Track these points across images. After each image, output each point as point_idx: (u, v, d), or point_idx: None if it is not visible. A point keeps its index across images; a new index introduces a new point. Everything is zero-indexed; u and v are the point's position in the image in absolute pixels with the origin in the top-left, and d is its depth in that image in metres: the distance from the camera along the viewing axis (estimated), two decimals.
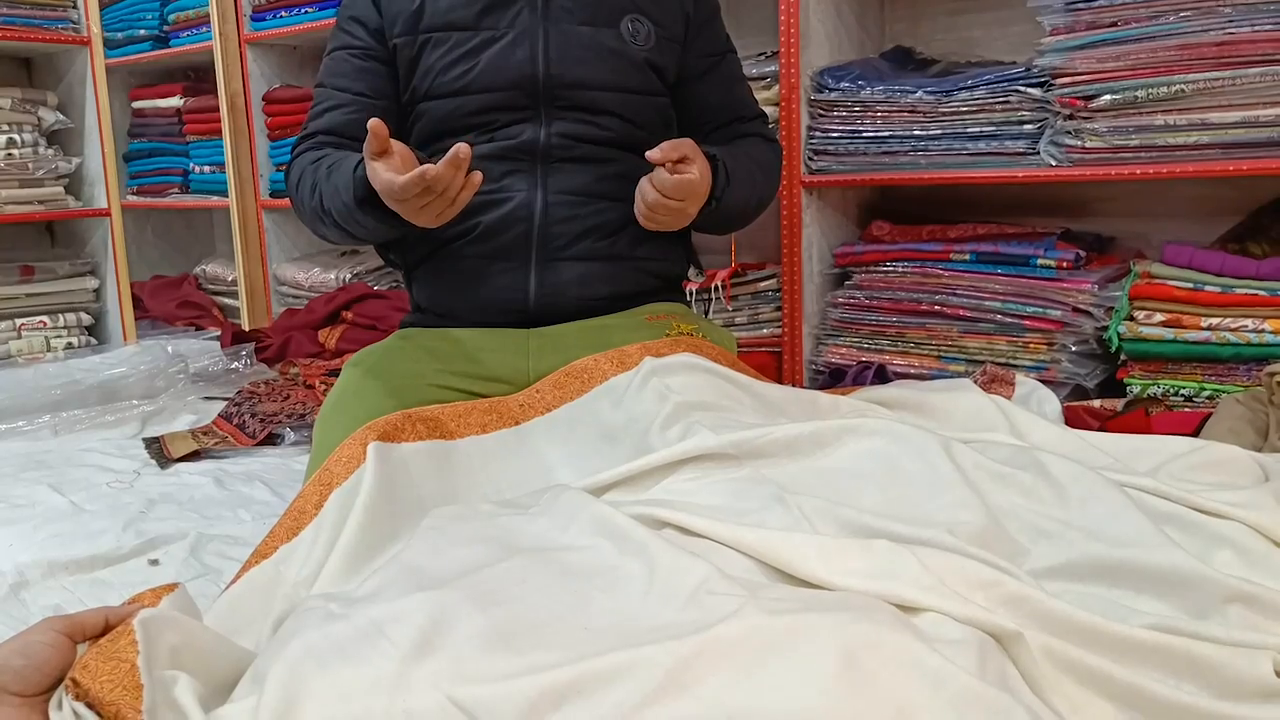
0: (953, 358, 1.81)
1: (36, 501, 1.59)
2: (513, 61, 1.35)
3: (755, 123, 1.53)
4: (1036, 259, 1.73)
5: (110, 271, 2.62)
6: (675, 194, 1.27)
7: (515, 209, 1.35)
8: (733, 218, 1.44)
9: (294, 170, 1.38)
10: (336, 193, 1.26)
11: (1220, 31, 1.49)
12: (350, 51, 1.41)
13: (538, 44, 1.35)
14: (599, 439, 1.22)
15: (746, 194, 1.41)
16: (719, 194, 1.33)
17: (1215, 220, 1.76)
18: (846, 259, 1.93)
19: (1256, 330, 1.52)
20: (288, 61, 2.98)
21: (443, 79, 1.36)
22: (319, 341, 2.53)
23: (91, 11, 2.52)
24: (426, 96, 1.38)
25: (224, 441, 1.87)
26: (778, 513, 0.98)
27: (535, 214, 1.35)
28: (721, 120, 1.51)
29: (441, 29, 1.37)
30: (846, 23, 1.98)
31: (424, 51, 1.37)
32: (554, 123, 1.36)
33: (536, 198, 1.36)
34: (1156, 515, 1.01)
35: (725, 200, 1.35)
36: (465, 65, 1.35)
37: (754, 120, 1.53)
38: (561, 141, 1.36)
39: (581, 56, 1.36)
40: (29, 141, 2.48)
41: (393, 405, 1.21)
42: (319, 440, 1.24)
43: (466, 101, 1.36)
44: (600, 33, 1.37)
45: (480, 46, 1.35)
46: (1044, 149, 1.66)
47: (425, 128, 1.40)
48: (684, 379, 1.24)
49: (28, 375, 2.29)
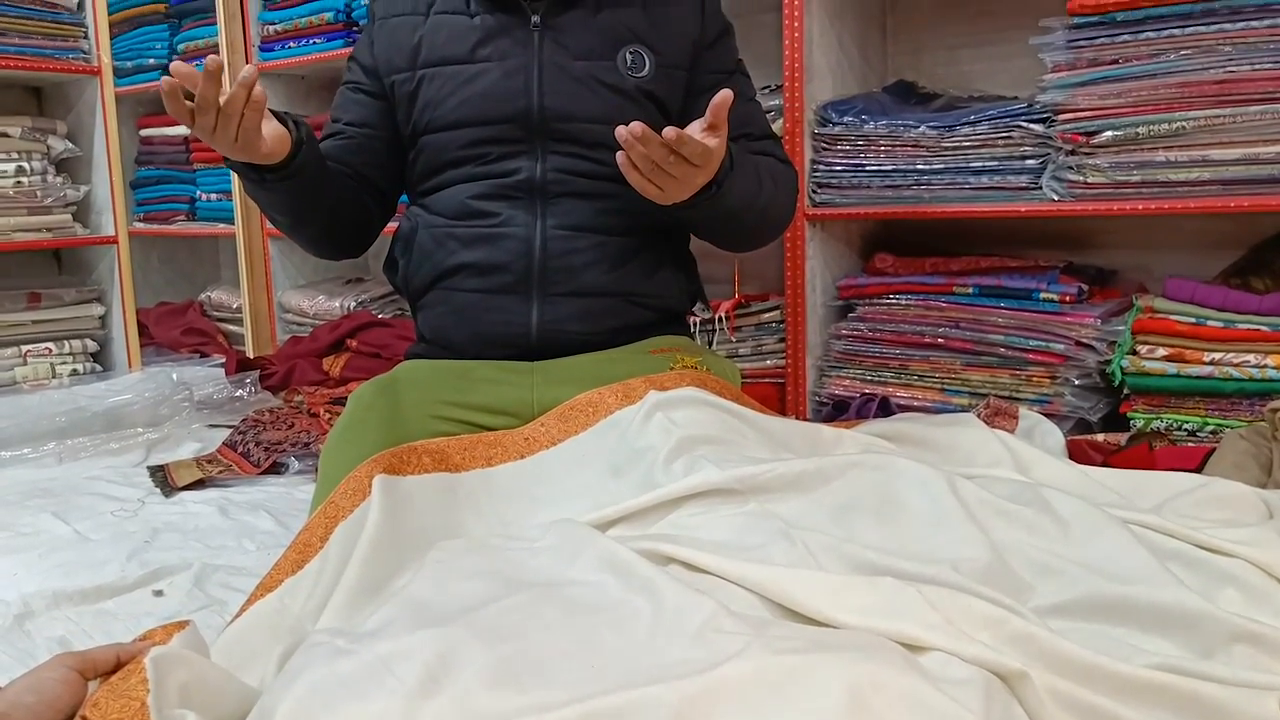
0: (956, 390, 1.81)
1: (41, 530, 1.59)
2: (506, 94, 1.36)
3: (767, 142, 1.49)
4: (1039, 292, 1.73)
5: (116, 298, 2.63)
6: (698, 157, 1.17)
7: (515, 244, 1.36)
8: (731, 215, 1.34)
9: None
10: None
11: (1220, 70, 1.50)
12: (348, 86, 1.48)
13: (532, 77, 1.37)
14: (604, 473, 1.22)
15: (750, 191, 1.33)
16: (720, 178, 1.24)
17: (1217, 253, 1.77)
18: (850, 291, 1.94)
19: (1259, 365, 1.52)
20: (295, 91, 3.00)
21: (438, 112, 1.39)
22: (323, 369, 2.54)
23: (102, 42, 2.54)
24: (425, 130, 1.41)
25: (228, 470, 1.88)
26: (783, 548, 0.98)
27: (535, 249, 1.36)
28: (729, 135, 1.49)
29: (438, 63, 1.39)
30: (850, 56, 2.00)
31: (421, 86, 1.40)
32: (550, 157, 1.37)
33: (536, 233, 1.36)
34: (1161, 552, 1.02)
35: (725, 188, 1.26)
36: (460, 97, 1.37)
37: (765, 140, 1.49)
38: (559, 176, 1.37)
39: (575, 90, 1.36)
40: (38, 169, 2.49)
41: (398, 437, 1.21)
42: (324, 471, 1.24)
43: (461, 134, 1.38)
44: (596, 65, 1.38)
45: (474, 78, 1.37)
46: (1046, 184, 1.67)
47: (425, 161, 1.42)
48: (688, 413, 1.24)
49: (33, 402, 2.30)
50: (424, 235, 1.42)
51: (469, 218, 1.39)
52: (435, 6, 1.42)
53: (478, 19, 1.40)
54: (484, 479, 1.21)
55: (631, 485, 1.17)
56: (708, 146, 1.17)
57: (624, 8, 1.41)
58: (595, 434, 1.26)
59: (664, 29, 1.42)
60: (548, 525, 1.09)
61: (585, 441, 1.26)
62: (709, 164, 1.20)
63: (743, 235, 1.45)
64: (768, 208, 1.40)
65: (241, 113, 1.15)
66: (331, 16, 2.66)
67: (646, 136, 1.14)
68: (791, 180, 1.48)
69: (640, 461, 1.20)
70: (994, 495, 1.08)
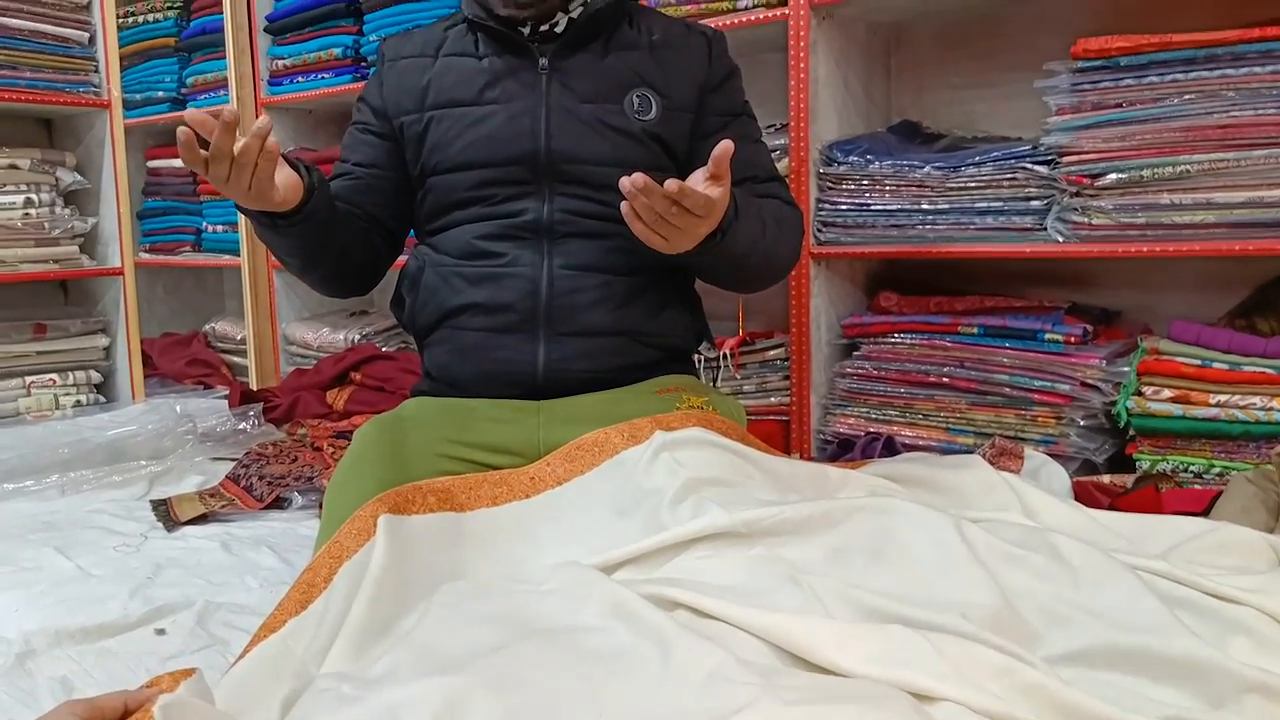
0: (961, 430, 1.81)
1: (43, 565, 1.59)
2: (513, 136, 1.37)
3: (772, 184, 1.49)
4: (1044, 333, 1.74)
5: (121, 330, 2.64)
6: (701, 208, 1.17)
7: (522, 283, 1.37)
8: (736, 262, 1.34)
9: None
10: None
11: (1224, 114, 1.51)
12: (357, 127, 1.50)
13: (539, 119, 1.38)
14: (610, 513, 1.22)
15: (754, 237, 1.32)
16: (725, 226, 1.24)
17: (1221, 294, 1.77)
18: (854, 330, 1.95)
19: (1265, 408, 1.52)
20: (303, 124, 3.02)
21: (446, 153, 1.40)
22: (327, 402, 2.54)
23: (113, 76, 2.57)
24: (433, 171, 1.42)
25: (231, 504, 1.87)
26: (791, 593, 0.98)
27: (542, 288, 1.37)
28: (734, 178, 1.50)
29: (446, 105, 1.41)
30: (855, 97, 2.01)
31: (430, 128, 1.41)
32: (557, 198, 1.38)
33: (543, 273, 1.37)
34: (1170, 600, 1.01)
35: (730, 236, 1.26)
36: (467, 139, 1.39)
37: (770, 182, 1.49)
38: (565, 217, 1.38)
39: (582, 133, 1.37)
40: (46, 201, 2.51)
41: (404, 476, 1.21)
42: (329, 510, 1.24)
43: (468, 176, 1.39)
44: (602, 108, 1.39)
45: (482, 120, 1.39)
46: (1051, 225, 1.68)
47: (433, 201, 1.43)
48: (694, 453, 1.24)
49: (36, 433, 2.30)
50: (431, 274, 1.42)
51: (476, 257, 1.40)
52: (444, 49, 1.44)
53: (486, 61, 1.41)
54: (489, 518, 1.21)
55: (638, 527, 1.17)
56: (710, 198, 1.17)
57: (631, 51, 1.42)
58: (601, 474, 1.26)
59: (671, 73, 1.43)
60: (554, 568, 1.09)
61: (591, 482, 1.26)
62: (712, 214, 1.20)
63: (747, 279, 1.45)
64: (772, 252, 1.40)
65: (255, 162, 1.15)
66: (340, 52, 2.69)
67: (649, 188, 1.14)
68: (797, 223, 1.48)
69: (646, 502, 1.20)
70: (1002, 540, 1.08)
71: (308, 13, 2.75)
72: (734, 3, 1.96)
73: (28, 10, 2.44)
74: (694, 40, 1.47)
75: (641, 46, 1.43)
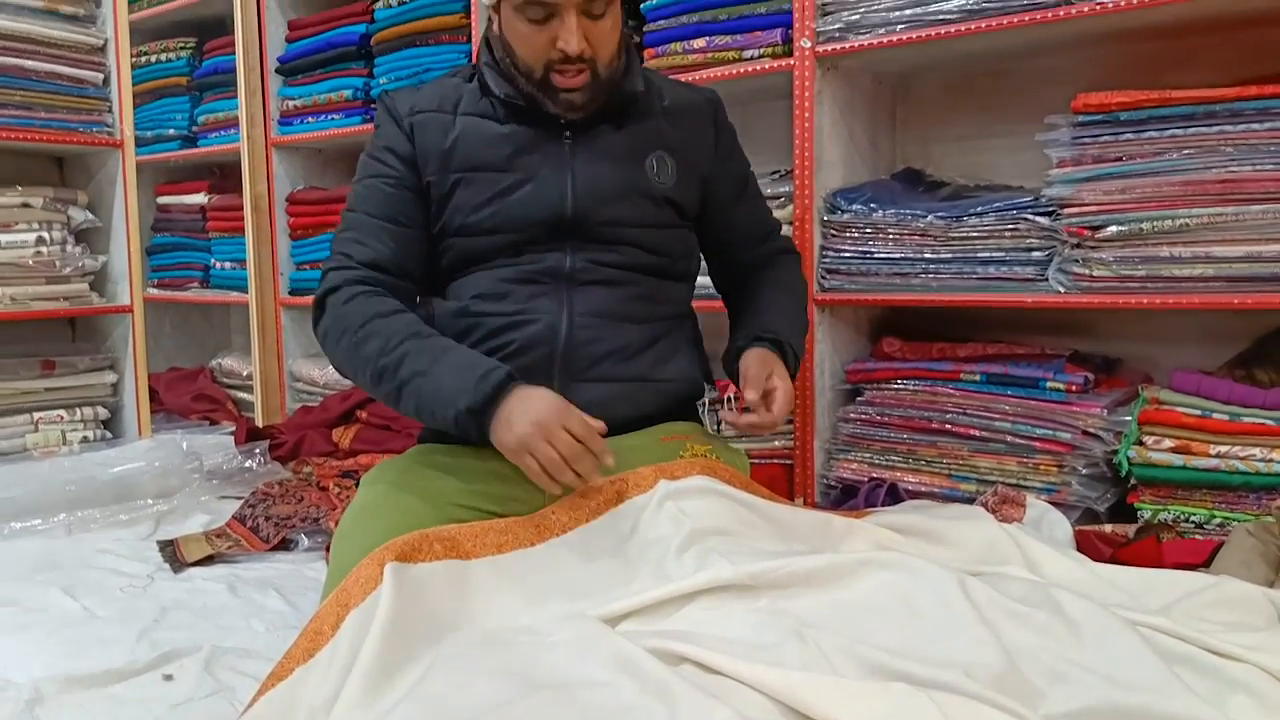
0: (964, 476, 1.82)
1: (49, 606, 1.60)
2: (542, 202, 1.40)
3: (776, 238, 1.65)
4: (1046, 382, 1.75)
5: (129, 366, 2.65)
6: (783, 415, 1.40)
7: (541, 330, 1.39)
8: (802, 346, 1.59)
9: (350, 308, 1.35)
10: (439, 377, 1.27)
11: (1222, 169, 1.53)
12: (385, 180, 1.44)
13: (566, 185, 1.41)
14: (615, 562, 1.23)
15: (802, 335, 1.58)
16: (793, 369, 1.48)
17: (1221, 344, 1.79)
18: (858, 375, 1.96)
19: (1265, 460, 1.53)
20: (312, 163, 3.06)
21: (473, 217, 1.41)
22: (333, 440, 2.56)
23: (126, 116, 2.60)
24: (456, 233, 1.43)
25: (237, 545, 1.88)
26: (796, 648, 0.98)
27: (560, 335, 1.39)
28: (753, 240, 1.62)
29: (473, 169, 1.42)
30: (860, 145, 2.04)
31: (456, 190, 1.42)
32: (579, 251, 1.41)
33: (562, 319, 1.39)
34: (1171, 657, 1.02)
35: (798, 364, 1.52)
36: (495, 206, 1.41)
37: (775, 236, 1.66)
38: (587, 265, 1.41)
39: (608, 196, 1.42)
40: (57, 239, 2.53)
41: (411, 524, 1.22)
42: (336, 558, 1.25)
43: (495, 239, 1.41)
44: (626, 172, 1.43)
45: (511, 188, 1.41)
46: (1053, 276, 1.70)
47: (455, 258, 1.44)
48: (699, 503, 1.26)
49: (43, 470, 2.31)
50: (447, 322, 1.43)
51: (495, 300, 1.41)
52: (461, 107, 1.45)
53: (509, 128, 1.43)
54: (495, 566, 1.22)
55: (643, 576, 1.18)
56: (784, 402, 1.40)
57: (647, 118, 1.48)
58: (606, 523, 1.27)
59: (683, 139, 1.49)
60: (560, 619, 1.10)
61: (596, 530, 1.27)
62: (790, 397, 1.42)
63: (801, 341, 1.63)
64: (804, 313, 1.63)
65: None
66: (350, 94, 2.73)
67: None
68: (800, 265, 1.68)
69: (651, 552, 1.21)
70: (1005, 597, 1.09)
71: (318, 55, 2.80)
72: (740, 53, 1.99)
73: (44, 53, 2.47)
74: (698, 104, 1.54)
75: (655, 113, 1.49)
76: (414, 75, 2.55)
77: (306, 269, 2.95)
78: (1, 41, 2.42)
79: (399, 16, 2.58)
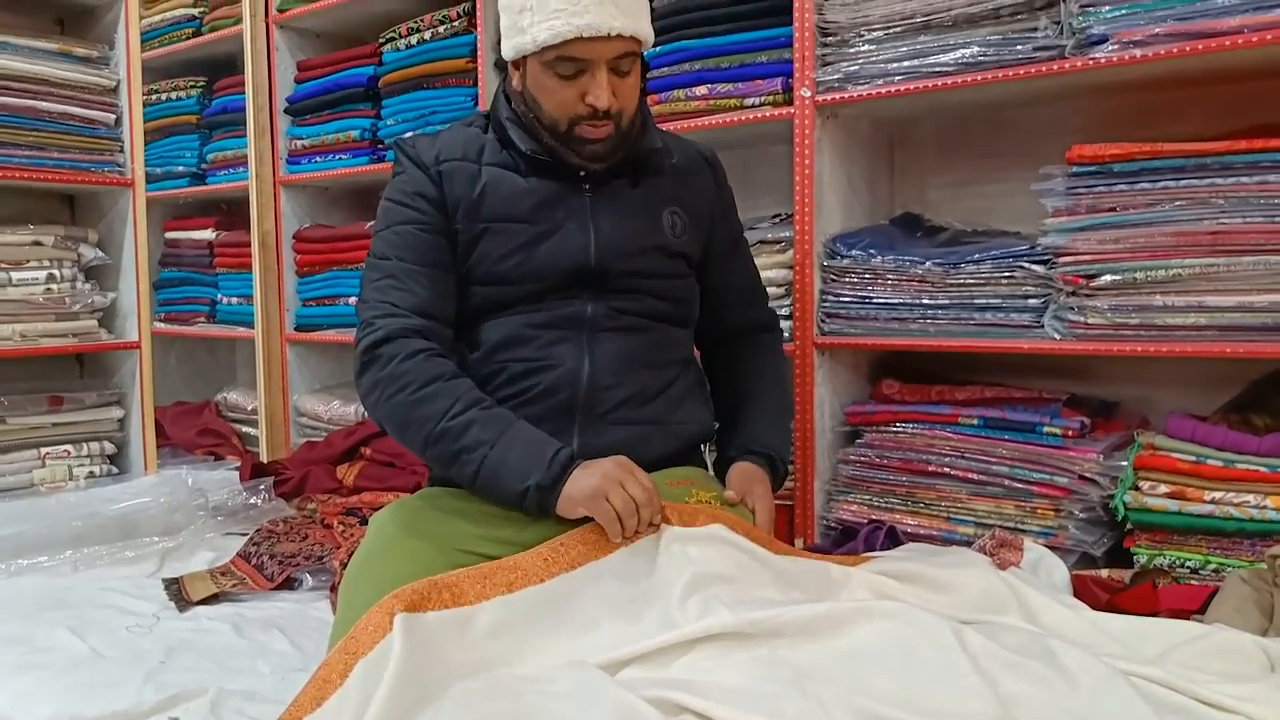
0: (962, 520, 1.84)
1: (56, 646, 1.61)
2: (565, 253, 1.45)
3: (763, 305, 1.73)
4: (1043, 426, 1.77)
5: (136, 401, 2.68)
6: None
7: (563, 375, 1.43)
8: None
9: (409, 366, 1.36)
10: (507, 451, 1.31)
11: (1213, 221, 1.56)
12: (419, 226, 1.45)
13: (589, 238, 1.45)
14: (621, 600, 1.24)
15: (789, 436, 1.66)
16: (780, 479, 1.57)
17: (1216, 387, 1.81)
18: (857, 418, 1.99)
19: (1259, 506, 1.55)
20: (319, 201, 3.10)
21: (498, 267, 1.45)
22: (337, 477, 2.57)
23: (137, 155, 2.64)
24: (481, 281, 1.46)
25: (242, 584, 1.90)
26: (795, 698, 1.01)
27: (582, 380, 1.43)
28: (739, 300, 1.66)
29: (500, 220, 1.45)
30: (858, 191, 2.08)
31: (481, 239, 1.46)
32: (599, 299, 1.46)
33: (584, 364, 1.43)
34: (1164, 707, 1.04)
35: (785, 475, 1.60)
36: (520, 256, 1.44)
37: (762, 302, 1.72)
38: (607, 313, 1.46)
39: (628, 249, 1.47)
40: (68, 277, 2.57)
41: (420, 569, 1.24)
42: (344, 603, 1.27)
43: (521, 289, 1.45)
44: (645, 227, 1.49)
45: (536, 240, 1.45)
46: (1048, 323, 1.73)
47: (479, 305, 1.47)
48: (703, 549, 1.28)
49: (49, 505, 2.33)
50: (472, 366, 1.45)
51: (517, 347, 1.45)
52: (485, 157, 1.48)
53: (532, 181, 1.47)
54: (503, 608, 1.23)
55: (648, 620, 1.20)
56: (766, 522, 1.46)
57: (658, 176, 1.54)
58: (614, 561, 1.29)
59: (690, 195, 1.56)
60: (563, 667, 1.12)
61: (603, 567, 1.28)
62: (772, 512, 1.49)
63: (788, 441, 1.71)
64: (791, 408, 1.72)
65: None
66: (358, 135, 2.77)
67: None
68: (780, 344, 1.74)
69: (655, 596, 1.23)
70: (1001, 647, 1.11)
71: (327, 96, 2.84)
72: (741, 100, 2.03)
73: (58, 94, 2.52)
74: (701, 163, 1.61)
75: (665, 172, 1.54)
76: (420, 117, 2.59)
77: (313, 305, 2.98)
78: (17, 83, 2.46)
79: (407, 60, 2.63)
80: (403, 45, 2.64)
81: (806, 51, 1.92)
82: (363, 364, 1.40)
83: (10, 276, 2.49)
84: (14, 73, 2.46)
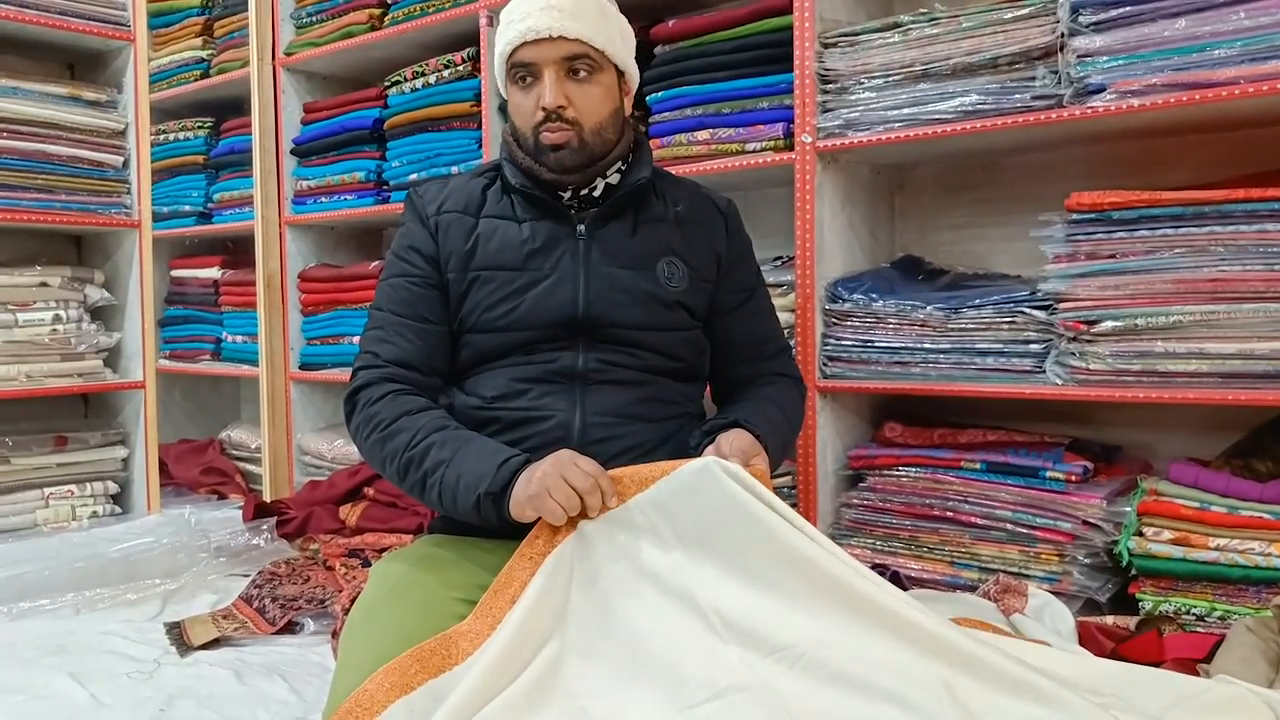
0: (965, 564, 1.84)
1: (57, 694, 1.61)
2: (555, 302, 1.44)
3: (780, 359, 1.64)
4: (1046, 471, 1.77)
5: (140, 441, 2.69)
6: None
7: (554, 428, 1.42)
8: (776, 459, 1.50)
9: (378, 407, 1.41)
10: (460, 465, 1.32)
11: (1213, 269, 1.57)
12: (410, 280, 1.49)
13: (579, 287, 1.45)
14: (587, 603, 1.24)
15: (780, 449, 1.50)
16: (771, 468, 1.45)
17: (1218, 432, 1.81)
18: (860, 462, 1.98)
19: (1264, 554, 1.54)
20: (324, 240, 3.12)
21: (488, 315, 1.45)
22: (340, 518, 2.57)
23: (144, 197, 2.66)
24: (473, 330, 1.47)
25: (244, 628, 1.89)
26: None
27: (574, 433, 1.42)
28: (747, 354, 1.61)
29: (490, 268, 1.47)
30: (859, 235, 2.09)
31: (473, 288, 1.47)
32: (592, 351, 1.45)
33: (575, 418, 1.43)
34: None
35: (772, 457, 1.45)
36: (511, 304, 1.45)
37: (779, 356, 1.63)
38: (599, 366, 1.45)
39: (619, 300, 1.46)
40: (74, 318, 2.58)
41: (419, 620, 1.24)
42: (345, 655, 1.26)
43: (510, 337, 1.45)
44: (638, 276, 1.47)
45: (525, 287, 1.45)
46: (1050, 368, 1.73)
47: (472, 354, 1.48)
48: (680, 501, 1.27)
49: (52, 546, 2.33)
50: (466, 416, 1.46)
51: (510, 398, 1.45)
52: (484, 210, 1.50)
53: (526, 225, 1.48)
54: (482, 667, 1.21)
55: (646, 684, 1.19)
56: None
57: (660, 223, 1.52)
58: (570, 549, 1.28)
59: (694, 245, 1.53)
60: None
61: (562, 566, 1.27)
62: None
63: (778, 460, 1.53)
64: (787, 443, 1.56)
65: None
66: (363, 176, 2.79)
67: None
68: (801, 400, 1.65)
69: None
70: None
71: (333, 138, 2.87)
72: (743, 145, 2.05)
73: (67, 137, 2.55)
74: (712, 212, 1.58)
75: (669, 219, 1.53)
76: (425, 159, 2.62)
77: (317, 344, 3.00)
78: (27, 128, 2.49)
79: (412, 103, 2.65)
80: (408, 89, 2.67)
81: (807, 98, 1.94)
82: (346, 412, 1.47)
83: (17, 318, 2.51)
84: (24, 117, 2.49)
